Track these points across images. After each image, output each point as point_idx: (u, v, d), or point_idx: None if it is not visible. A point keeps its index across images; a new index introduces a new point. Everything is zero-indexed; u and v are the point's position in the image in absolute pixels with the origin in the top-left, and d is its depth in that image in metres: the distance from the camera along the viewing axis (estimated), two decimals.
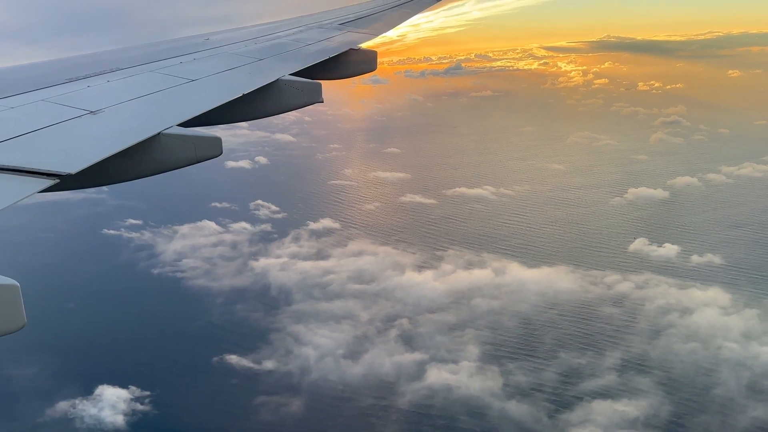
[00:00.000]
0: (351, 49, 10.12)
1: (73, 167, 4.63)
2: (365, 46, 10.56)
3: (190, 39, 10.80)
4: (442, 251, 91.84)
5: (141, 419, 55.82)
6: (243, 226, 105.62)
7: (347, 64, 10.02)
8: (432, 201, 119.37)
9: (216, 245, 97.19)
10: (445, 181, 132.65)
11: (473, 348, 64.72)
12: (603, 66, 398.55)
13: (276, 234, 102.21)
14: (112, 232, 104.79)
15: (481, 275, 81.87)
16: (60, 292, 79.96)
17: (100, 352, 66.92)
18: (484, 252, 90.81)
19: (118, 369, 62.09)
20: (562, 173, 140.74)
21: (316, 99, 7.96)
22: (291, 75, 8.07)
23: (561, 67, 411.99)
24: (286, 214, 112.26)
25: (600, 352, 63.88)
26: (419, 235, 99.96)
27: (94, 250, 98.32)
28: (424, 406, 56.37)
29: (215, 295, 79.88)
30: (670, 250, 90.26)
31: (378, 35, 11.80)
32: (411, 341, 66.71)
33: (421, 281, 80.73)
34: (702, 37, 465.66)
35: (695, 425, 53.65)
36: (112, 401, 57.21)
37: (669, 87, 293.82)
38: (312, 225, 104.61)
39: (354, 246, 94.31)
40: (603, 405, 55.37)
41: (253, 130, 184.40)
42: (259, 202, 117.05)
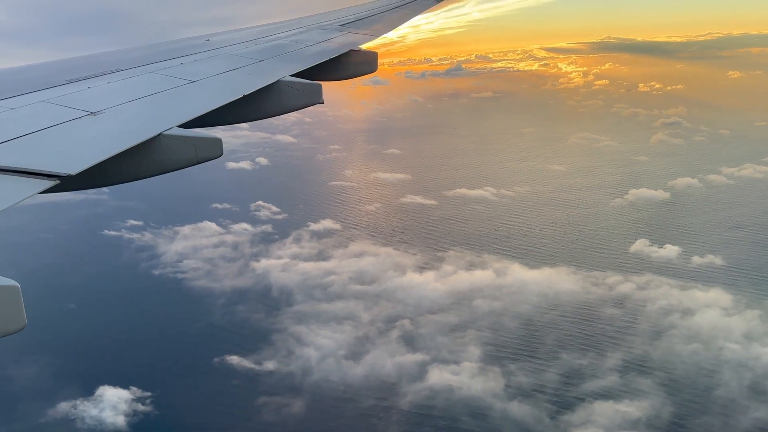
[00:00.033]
0: (351, 50, 10.10)
1: (74, 168, 4.62)
2: (365, 47, 10.55)
3: (190, 40, 10.79)
4: (443, 252, 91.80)
5: (142, 420, 55.81)
6: (244, 227, 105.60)
7: (347, 65, 10.01)
8: (433, 202, 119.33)
9: (217, 246, 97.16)
10: (446, 182, 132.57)
11: (475, 349, 64.70)
12: (603, 67, 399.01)
13: (277, 235, 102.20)
14: (112, 233, 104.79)
15: (482, 276, 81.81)
16: (61, 292, 79.93)
17: (101, 352, 66.87)
18: (485, 253, 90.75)
19: (119, 370, 62.05)
20: (562, 174, 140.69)
21: (316, 100, 7.95)
22: (291, 76, 8.05)
23: (561, 68, 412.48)
24: (286, 215, 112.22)
25: (601, 353, 63.84)
26: (420, 236, 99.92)
27: (94, 250, 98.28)
28: (425, 406, 56.34)
29: (216, 296, 79.86)
30: (671, 251, 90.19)
31: (378, 36, 11.78)
32: (412, 342, 66.70)
33: (423, 282, 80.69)
34: (702, 38, 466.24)
35: (697, 426, 53.60)
36: (113, 402, 57.20)
37: (669, 88, 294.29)
38: (313, 226, 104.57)
39: (355, 247, 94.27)
40: (604, 406, 55.35)
41: (254, 131, 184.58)
42: (260, 203, 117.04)
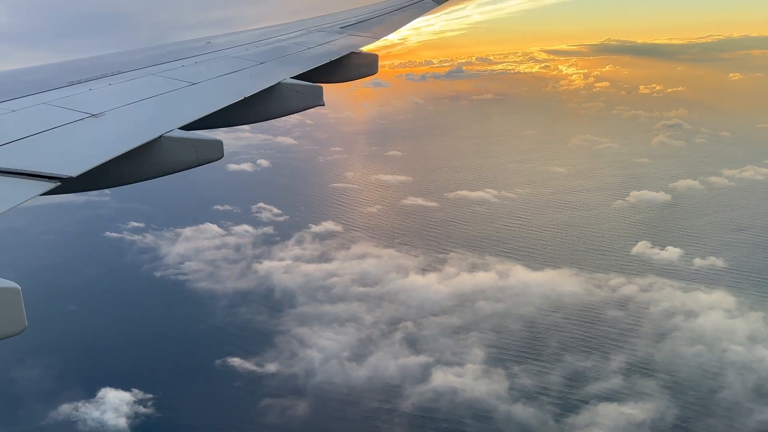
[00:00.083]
0: (352, 53, 10.09)
1: (75, 170, 4.61)
2: (366, 49, 10.53)
3: (191, 42, 10.78)
4: (444, 254, 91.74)
5: (144, 422, 55.77)
6: (245, 228, 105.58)
7: (348, 67, 10.00)
8: (434, 204, 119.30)
9: (219, 248, 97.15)
10: (447, 184, 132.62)
11: (478, 351, 64.60)
12: (604, 69, 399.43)
13: (278, 237, 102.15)
14: (114, 234, 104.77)
15: (485, 278, 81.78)
16: (62, 294, 79.86)
17: (102, 354, 66.79)
18: (486, 255, 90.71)
19: (120, 372, 61.94)
20: (563, 176, 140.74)
21: (317, 102, 7.94)
22: (292, 78, 8.04)
23: (562, 71, 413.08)
24: (288, 216, 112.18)
25: (605, 355, 63.74)
26: (422, 238, 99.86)
27: (96, 252, 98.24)
28: (429, 409, 56.23)
29: (219, 298, 79.80)
30: (672, 253, 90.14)
31: (379, 38, 11.77)
32: (415, 344, 66.61)
33: (425, 284, 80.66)
34: (703, 41, 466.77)
35: (701, 428, 53.50)
36: (114, 404, 57.16)
37: (670, 90, 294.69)
38: (314, 228, 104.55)
39: (357, 249, 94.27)
40: (609, 408, 55.24)
41: (255, 133, 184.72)
42: (261, 204, 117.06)
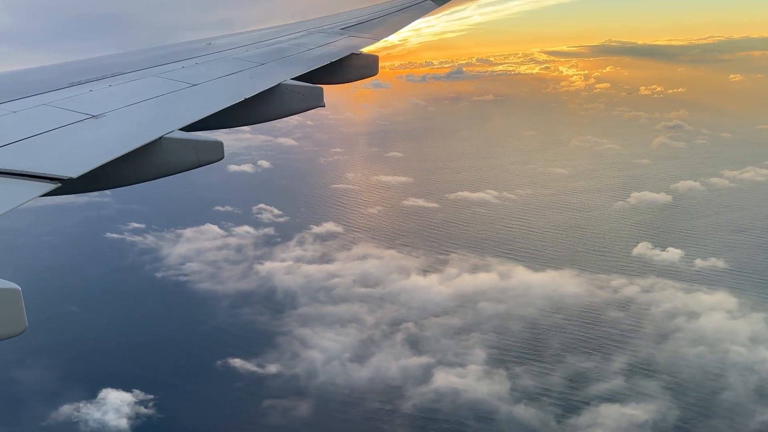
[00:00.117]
0: (352, 54, 10.10)
1: (75, 171, 4.62)
2: (367, 50, 10.54)
3: (192, 43, 10.78)
4: (445, 255, 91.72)
5: (145, 423, 55.75)
6: (246, 229, 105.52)
7: (349, 68, 10.01)
8: (434, 205, 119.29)
9: (220, 249, 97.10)
10: (448, 185, 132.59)
11: (480, 352, 64.56)
12: (604, 70, 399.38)
13: (279, 238, 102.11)
14: (115, 235, 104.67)
15: (486, 279, 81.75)
16: (63, 295, 79.81)
17: (103, 355, 66.73)
18: (488, 256, 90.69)
19: (121, 372, 61.90)
20: (564, 177, 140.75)
21: (317, 103, 7.95)
22: (292, 79, 8.06)
23: (562, 72, 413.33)
24: (288, 217, 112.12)
25: (607, 356, 63.70)
26: (423, 239, 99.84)
27: (97, 253, 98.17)
28: (430, 410, 56.20)
29: (220, 299, 79.75)
30: (673, 254, 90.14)
31: (379, 40, 11.79)
32: (417, 345, 66.60)
33: (427, 285, 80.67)
34: (703, 42, 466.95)
35: (703, 429, 53.47)
36: (115, 405, 57.12)
37: (671, 91, 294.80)
38: (315, 229, 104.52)
39: (358, 250, 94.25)
40: (611, 409, 55.21)
41: (256, 134, 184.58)
42: (262, 205, 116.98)
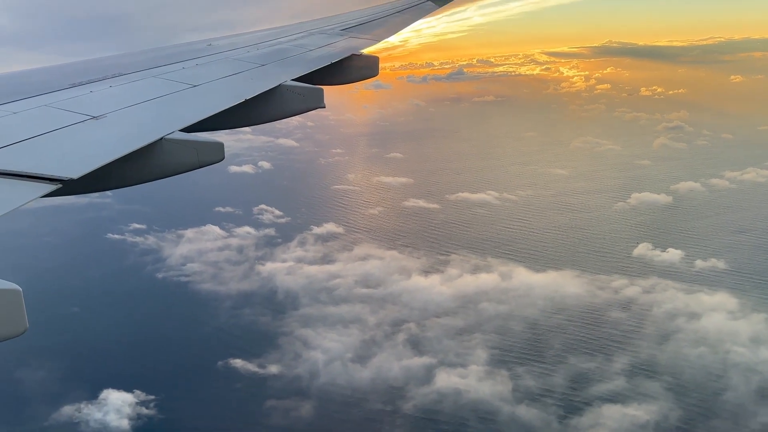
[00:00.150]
0: (353, 55, 10.10)
1: (76, 172, 4.61)
2: (367, 51, 10.55)
3: (192, 44, 10.78)
4: (446, 256, 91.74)
5: (146, 423, 55.74)
6: (247, 230, 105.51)
7: (349, 69, 10.02)
8: (435, 206, 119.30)
9: (221, 249, 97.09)
10: (448, 186, 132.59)
11: (481, 352, 64.58)
12: (605, 71, 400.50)
13: (280, 238, 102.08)
14: (116, 236, 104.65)
15: (488, 279, 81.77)
16: (64, 296, 79.78)
17: (104, 356, 66.69)
18: (489, 256, 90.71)
19: (122, 373, 61.86)
20: (565, 178, 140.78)
21: (318, 104, 7.95)
22: (293, 80, 8.06)
23: (563, 73, 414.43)
24: (289, 218, 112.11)
25: (608, 356, 63.71)
26: (424, 240, 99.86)
27: (98, 254, 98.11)
28: (432, 410, 56.19)
29: (222, 299, 79.73)
30: (673, 255, 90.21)
31: (380, 41, 11.79)
32: (419, 345, 66.60)
33: (428, 285, 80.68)
34: (704, 43, 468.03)
35: (705, 430, 53.49)
36: (117, 405, 57.13)
37: (671, 92, 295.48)
38: (316, 229, 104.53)
39: (360, 250, 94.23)
40: (613, 409, 55.23)
41: (257, 134, 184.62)
42: (263, 206, 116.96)
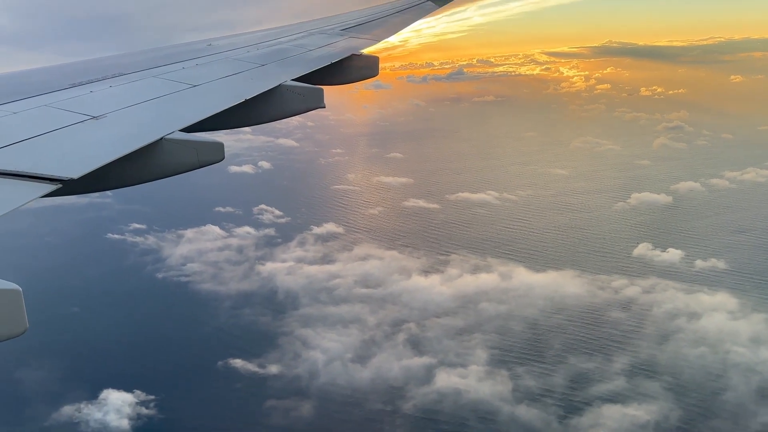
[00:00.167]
0: (353, 55, 10.11)
1: (76, 172, 4.61)
2: (367, 51, 10.55)
3: (192, 44, 10.78)
4: (446, 256, 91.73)
5: (146, 423, 55.75)
6: (247, 230, 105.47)
7: (349, 69, 10.02)
8: (435, 206, 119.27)
9: (221, 249, 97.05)
10: (448, 186, 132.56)
11: (481, 352, 64.58)
12: (605, 71, 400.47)
13: (280, 238, 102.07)
14: (116, 236, 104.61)
15: (488, 279, 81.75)
16: (64, 296, 79.77)
17: (104, 356, 66.67)
18: (488, 256, 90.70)
19: (122, 373, 61.86)
20: (565, 178, 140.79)
21: (318, 104, 7.96)
22: (293, 80, 8.07)
23: (563, 73, 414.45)
24: (289, 218, 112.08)
25: (608, 356, 63.71)
26: (424, 240, 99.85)
27: (98, 254, 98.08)
28: (432, 410, 56.18)
29: (222, 299, 79.72)
30: (674, 255, 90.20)
31: (380, 41, 11.80)
32: (419, 345, 66.60)
33: (428, 285, 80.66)
34: (704, 43, 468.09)
35: (705, 430, 53.49)
36: (117, 405, 57.13)
37: (671, 92, 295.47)
38: (316, 229, 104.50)
39: (359, 250, 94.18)
40: (613, 409, 55.23)
41: (257, 134, 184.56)
42: (263, 206, 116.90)
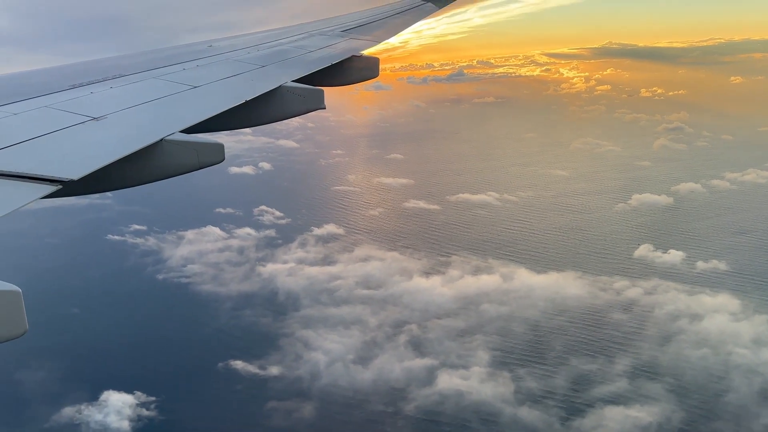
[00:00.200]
0: (353, 56, 10.11)
1: (76, 173, 4.61)
2: (367, 52, 10.55)
3: (193, 45, 10.77)
4: (447, 257, 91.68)
5: (146, 425, 55.69)
6: (247, 231, 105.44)
7: (350, 70, 10.01)
8: (436, 207, 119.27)
9: (222, 251, 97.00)
10: (449, 187, 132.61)
11: (483, 354, 64.48)
12: (605, 72, 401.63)
13: (280, 240, 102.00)
14: (116, 237, 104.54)
15: (489, 281, 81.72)
16: (64, 297, 79.67)
17: (105, 357, 66.58)
18: (489, 258, 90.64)
19: (123, 374, 61.79)
20: (565, 179, 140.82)
21: (318, 105, 7.96)
22: (293, 82, 8.08)
23: (563, 74, 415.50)
24: (290, 219, 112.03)
25: (610, 358, 63.62)
26: (424, 241, 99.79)
27: (98, 255, 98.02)
28: (434, 412, 56.09)
29: (223, 301, 79.64)
30: (675, 256, 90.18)
31: (380, 42, 11.81)
32: (420, 347, 66.50)
33: (429, 287, 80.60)
34: (704, 44, 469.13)
35: None
36: (117, 407, 57.07)
37: (671, 93, 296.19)
38: (316, 231, 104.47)
39: (360, 251, 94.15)
40: (615, 411, 55.13)
41: (257, 136, 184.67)
42: (263, 207, 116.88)
